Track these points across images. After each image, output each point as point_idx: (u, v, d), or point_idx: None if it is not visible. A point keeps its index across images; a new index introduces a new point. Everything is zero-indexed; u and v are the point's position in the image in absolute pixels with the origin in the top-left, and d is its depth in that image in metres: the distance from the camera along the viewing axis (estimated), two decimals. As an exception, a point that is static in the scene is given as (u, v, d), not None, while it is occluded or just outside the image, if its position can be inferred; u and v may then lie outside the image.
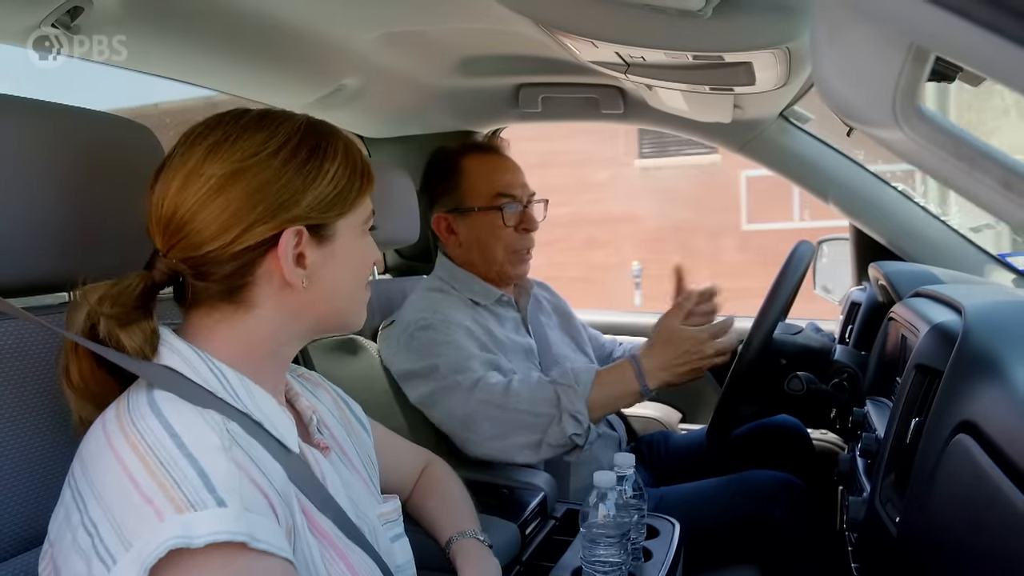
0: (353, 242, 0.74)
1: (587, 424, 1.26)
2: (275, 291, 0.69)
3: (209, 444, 0.58)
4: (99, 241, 0.77)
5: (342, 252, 0.73)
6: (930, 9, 0.27)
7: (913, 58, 0.32)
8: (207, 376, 0.65)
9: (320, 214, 0.70)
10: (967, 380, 0.74)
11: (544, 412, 1.26)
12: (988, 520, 0.60)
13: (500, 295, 1.49)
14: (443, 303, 1.42)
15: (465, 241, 1.49)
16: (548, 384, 1.30)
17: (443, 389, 1.30)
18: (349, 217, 0.73)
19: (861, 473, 1.09)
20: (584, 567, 0.90)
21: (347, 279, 0.75)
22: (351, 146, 0.74)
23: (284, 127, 0.69)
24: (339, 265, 0.73)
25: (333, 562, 0.66)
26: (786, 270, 1.35)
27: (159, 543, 0.53)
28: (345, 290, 0.75)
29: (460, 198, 1.49)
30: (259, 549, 0.56)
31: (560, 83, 1.84)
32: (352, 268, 0.75)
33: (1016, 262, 1.75)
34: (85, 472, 0.60)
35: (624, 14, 0.98)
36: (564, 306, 1.72)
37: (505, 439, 1.26)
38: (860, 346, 1.56)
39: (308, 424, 0.77)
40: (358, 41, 1.46)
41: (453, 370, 1.30)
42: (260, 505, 0.59)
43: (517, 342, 1.47)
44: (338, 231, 0.72)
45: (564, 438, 1.26)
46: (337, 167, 0.71)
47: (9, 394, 0.71)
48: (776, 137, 1.83)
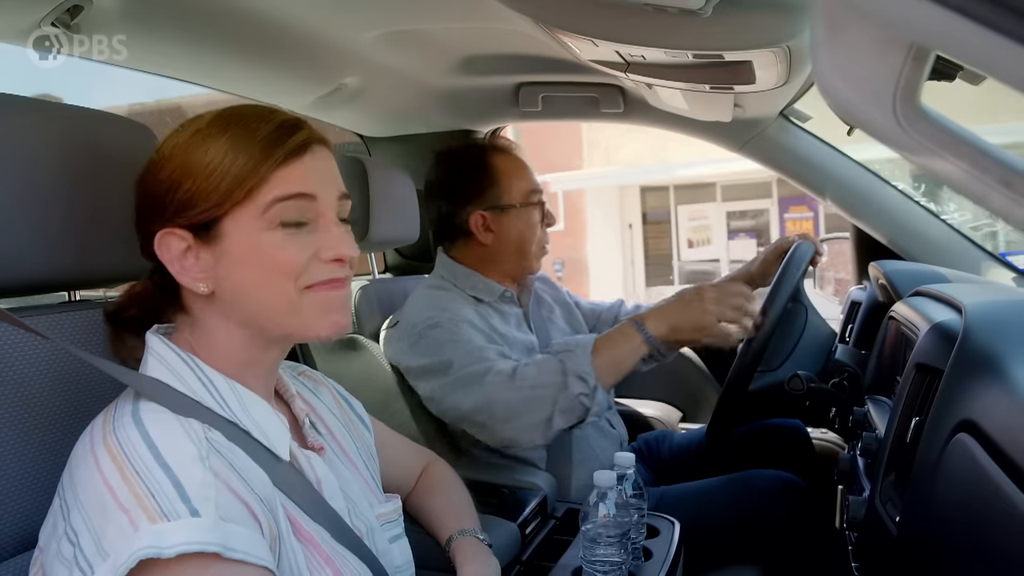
0: (250, 238, 0.66)
1: (593, 383, 1.25)
2: (194, 296, 0.68)
3: (185, 454, 0.58)
4: (99, 241, 0.77)
5: (237, 251, 0.66)
6: (930, 7, 0.27)
7: (913, 57, 0.32)
8: (194, 385, 0.66)
9: (189, 211, 0.65)
10: (967, 379, 0.74)
11: (551, 382, 1.26)
12: (988, 520, 0.60)
13: (503, 291, 1.50)
14: (447, 300, 1.42)
15: (504, 238, 1.49)
16: (551, 356, 1.31)
17: (456, 380, 1.31)
18: (236, 212, 0.65)
19: (861, 472, 1.09)
20: (584, 567, 0.90)
21: (252, 281, 0.66)
22: (248, 135, 0.66)
23: (189, 129, 0.68)
24: (237, 265, 0.66)
25: (319, 567, 0.66)
26: (786, 270, 1.35)
27: (131, 553, 0.53)
28: (256, 295, 0.67)
29: (498, 196, 1.49)
30: (234, 559, 0.55)
31: (560, 82, 1.84)
32: (255, 268, 0.66)
33: (1016, 261, 1.75)
34: (71, 481, 0.61)
35: (624, 13, 0.98)
36: (563, 296, 1.72)
37: (520, 418, 1.27)
38: (860, 345, 1.55)
39: (302, 426, 0.77)
40: (358, 40, 1.46)
41: (467, 362, 1.31)
42: (239, 514, 0.58)
43: (519, 338, 1.47)
44: (225, 229, 0.66)
45: (573, 400, 1.25)
46: (208, 161, 0.65)
47: (9, 394, 0.71)
48: (776, 136, 1.83)
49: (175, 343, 0.69)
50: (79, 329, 0.78)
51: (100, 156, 0.77)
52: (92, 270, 0.79)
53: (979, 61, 0.30)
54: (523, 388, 1.26)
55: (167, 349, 0.68)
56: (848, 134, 1.62)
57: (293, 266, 0.66)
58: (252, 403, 0.68)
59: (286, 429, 0.70)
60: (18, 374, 0.71)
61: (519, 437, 1.29)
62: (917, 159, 0.37)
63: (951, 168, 0.35)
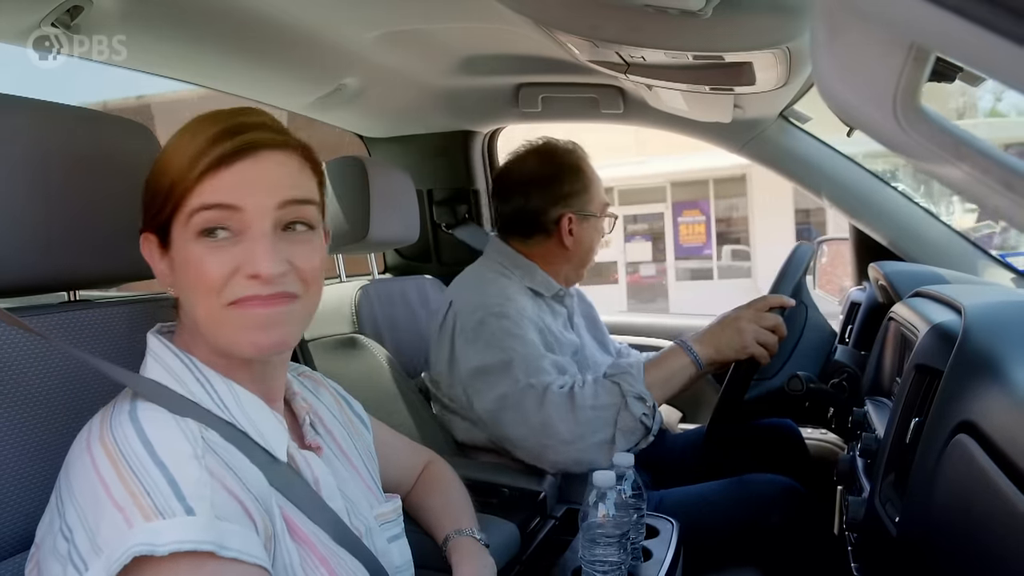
0: (184, 248, 0.64)
1: (652, 403, 1.27)
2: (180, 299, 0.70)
3: (181, 452, 0.59)
4: (99, 241, 0.77)
5: (177, 259, 0.66)
6: (930, 9, 0.27)
7: (913, 58, 0.32)
8: (192, 386, 0.66)
9: (145, 216, 0.68)
10: (967, 380, 0.74)
11: (610, 403, 1.27)
12: (987, 520, 0.60)
13: (559, 289, 1.51)
14: (511, 289, 1.42)
15: (579, 243, 1.51)
16: (605, 380, 1.31)
17: (517, 393, 1.29)
18: (177, 218, 0.65)
19: (861, 473, 1.09)
20: (583, 567, 0.90)
21: (188, 292, 0.65)
22: (191, 140, 0.64)
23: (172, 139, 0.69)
24: (178, 275, 0.66)
25: (314, 568, 0.66)
26: (785, 272, 1.36)
27: (124, 550, 0.53)
28: (191, 305, 0.66)
29: (587, 202, 1.52)
30: (228, 557, 0.55)
31: (560, 83, 1.84)
32: (186, 279, 0.65)
33: (1016, 262, 1.75)
34: (67, 478, 0.61)
35: (624, 14, 0.98)
36: (591, 311, 1.74)
37: (583, 440, 1.26)
38: (860, 346, 1.56)
39: (302, 425, 0.77)
40: (358, 41, 1.46)
41: (526, 371, 1.29)
42: (234, 512, 0.58)
43: (568, 338, 1.49)
44: (172, 236, 0.66)
45: (634, 421, 1.26)
46: (157, 167, 0.67)
47: (8, 393, 0.71)
48: (776, 137, 1.83)
49: (175, 343, 0.69)
50: (79, 329, 0.78)
51: (100, 156, 0.77)
52: (92, 270, 0.79)
53: (979, 62, 0.30)
54: (581, 408, 1.26)
55: (166, 350, 0.68)
56: (848, 135, 1.63)
57: (213, 280, 0.63)
58: (250, 403, 0.68)
59: (284, 430, 0.70)
60: (18, 374, 0.71)
61: (584, 458, 1.27)
62: (917, 161, 0.37)
63: (952, 170, 0.35)
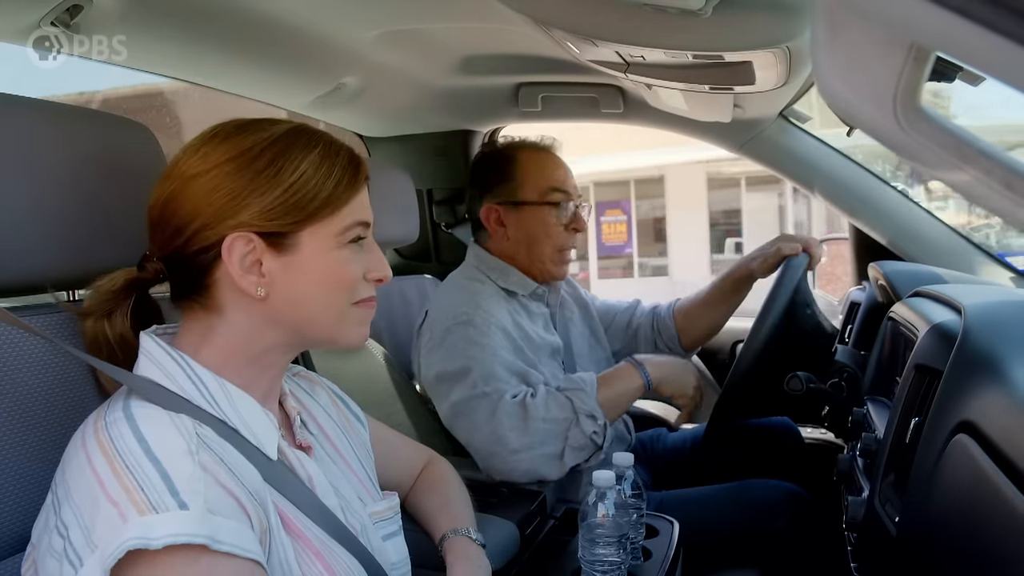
0: (322, 254, 0.70)
1: (603, 421, 1.28)
2: (239, 297, 0.69)
3: (175, 448, 0.59)
4: (99, 241, 0.77)
5: (306, 263, 0.70)
6: (931, 8, 0.27)
7: (913, 58, 0.32)
8: (184, 383, 0.67)
9: (269, 222, 0.68)
10: (967, 380, 0.74)
11: (561, 418, 1.28)
12: (988, 520, 0.60)
13: (536, 287, 1.48)
14: (482, 294, 1.41)
15: (514, 235, 1.47)
16: (557, 393, 1.32)
17: (471, 400, 1.30)
18: (315, 227, 0.70)
19: (861, 473, 1.09)
20: (583, 567, 0.90)
21: (313, 292, 0.71)
22: (332, 158, 0.71)
23: (254, 136, 0.69)
24: (302, 277, 0.70)
25: (309, 562, 0.67)
26: (781, 279, 1.37)
27: (119, 544, 0.54)
28: (313, 305, 0.71)
29: (514, 190, 1.46)
30: (221, 551, 0.56)
31: (560, 82, 1.83)
32: (319, 281, 0.71)
33: (1016, 262, 1.75)
34: (63, 475, 0.62)
35: (624, 13, 0.98)
36: (582, 296, 1.70)
37: (531, 450, 1.27)
38: (860, 346, 1.55)
39: (293, 424, 0.77)
40: (358, 40, 1.46)
41: (484, 379, 1.30)
42: (227, 507, 0.59)
43: (546, 340, 1.47)
44: (301, 241, 0.69)
45: (584, 439, 1.28)
46: (298, 177, 0.68)
47: (7, 393, 0.71)
48: (776, 137, 1.83)
49: (176, 344, 0.70)
50: (79, 329, 0.78)
51: (100, 156, 0.77)
52: (92, 270, 0.79)
53: (979, 62, 0.30)
54: (532, 419, 1.26)
55: (159, 349, 0.68)
56: (848, 135, 1.63)
57: (352, 282, 0.73)
58: (241, 401, 0.69)
59: (274, 427, 0.71)
60: (16, 374, 0.71)
61: (532, 469, 1.28)
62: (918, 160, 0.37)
63: (952, 170, 0.35)
